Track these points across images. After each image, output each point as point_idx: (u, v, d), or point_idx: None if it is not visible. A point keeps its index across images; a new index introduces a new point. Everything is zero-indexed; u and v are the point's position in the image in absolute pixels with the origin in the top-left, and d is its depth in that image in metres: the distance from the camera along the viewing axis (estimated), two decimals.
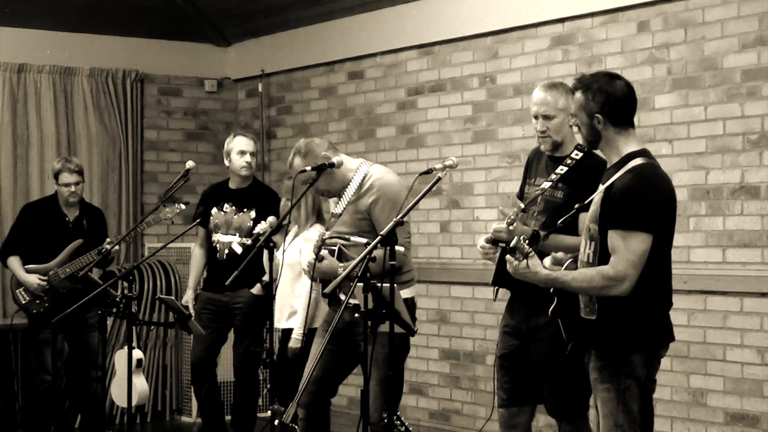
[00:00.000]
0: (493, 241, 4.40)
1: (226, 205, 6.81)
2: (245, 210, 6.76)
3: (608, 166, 4.22)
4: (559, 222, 4.26)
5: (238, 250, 6.71)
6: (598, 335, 4.08)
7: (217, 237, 6.79)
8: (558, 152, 4.83)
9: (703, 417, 6.04)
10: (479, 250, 4.75)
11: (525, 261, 3.99)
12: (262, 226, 6.26)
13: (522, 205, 4.67)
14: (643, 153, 4.12)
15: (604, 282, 3.97)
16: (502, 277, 4.79)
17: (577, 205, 4.23)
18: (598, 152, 4.90)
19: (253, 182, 6.91)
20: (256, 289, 6.63)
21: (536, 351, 4.82)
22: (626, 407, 4.03)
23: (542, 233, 4.33)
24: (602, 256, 4.04)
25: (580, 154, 4.77)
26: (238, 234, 6.74)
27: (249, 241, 6.62)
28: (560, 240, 4.58)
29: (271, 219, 6.32)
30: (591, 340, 4.13)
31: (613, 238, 3.99)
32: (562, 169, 4.75)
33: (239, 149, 6.74)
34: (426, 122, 7.76)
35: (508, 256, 4.03)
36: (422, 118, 7.79)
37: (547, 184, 4.74)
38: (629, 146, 4.13)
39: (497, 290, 4.88)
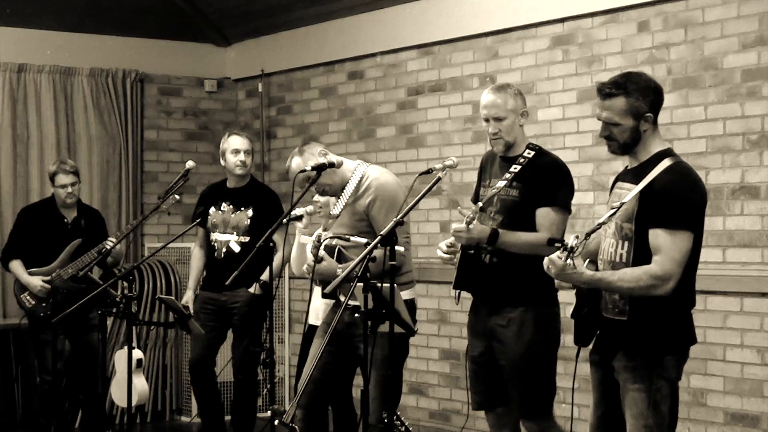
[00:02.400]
0: (551, 242, 4.24)
1: (223, 205, 6.83)
2: (242, 209, 6.78)
3: (632, 165, 4.21)
4: (597, 223, 4.15)
5: (236, 248, 6.72)
6: (629, 336, 4.07)
7: (215, 236, 6.81)
8: (511, 152, 4.89)
9: (703, 417, 6.04)
10: (441, 255, 4.77)
11: (572, 261, 3.95)
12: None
13: (481, 204, 4.74)
14: (671, 152, 4.13)
15: (652, 281, 3.96)
16: (463, 280, 4.82)
17: (613, 208, 4.10)
18: (547, 149, 4.98)
19: (250, 181, 6.93)
20: (254, 289, 6.63)
21: (499, 349, 4.85)
22: (656, 408, 4.04)
23: (553, 242, 4.27)
24: (637, 255, 4.03)
25: (533, 153, 4.85)
26: (235, 233, 6.75)
27: (247, 239, 6.65)
28: (518, 237, 4.71)
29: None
30: (619, 340, 4.11)
31: (658, 236, 3.98)
32: (515, 168, 4.81)
33: (233, 148, 6.78)
34: (426, 122, 7.75)
35: (556, 257, 3.94)
36: (422, 118, 7.79)
37: (501, 184, 4.80)
38: (656, 145, 4.13)
39: (459, 293, 4.91)
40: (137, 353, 7.04)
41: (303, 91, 8.83)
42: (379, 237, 4.38)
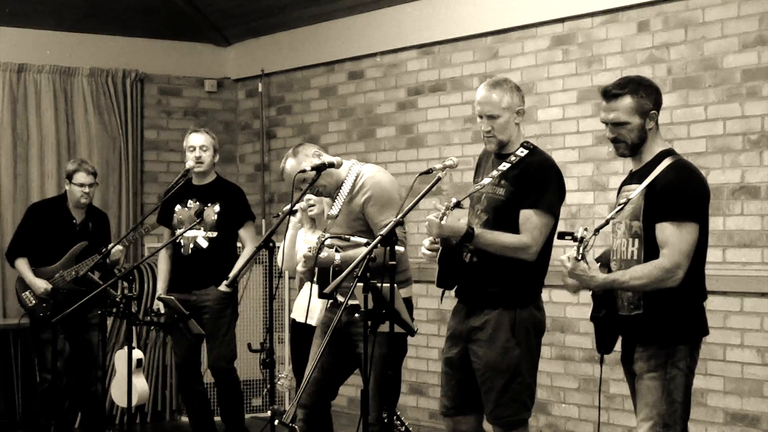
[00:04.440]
0: (561, 235, 4.13)
1: (189, 202, 6.73)
2: (209, 204, 6.70)
3: (636, 167, 4.25)
4: (605, 220, 4.19)
5: (204, 244, 6.66)
6: (645, 328, 4.13)
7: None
8: (505, 150, 4.70)
9: (703, 417, 6.04)
10: (425, 252, 4.65)
11: (584, 259, 3.98)
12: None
13: (454, 200, 4.50)
14: (672, 151, 4.23)
15: (662, 274, 4.05)
16: (444, 279, 4.73)
17: (621, 204, 4.14)
18: (547, 149, 4.91)
19: (216, 178, 6.84)
20: (223, 287, 6.56)
21: (473, 352, 4.67)
22: (670, 397, 4.10)
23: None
24: (648, 251, 4.11)
25: (525, 152, 4.65)
26: (203, 228, 6.66)
27: (215, 234, 6.62)
28: (496, 238, 4.55)
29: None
30: (637, 335, 4.17)
31: (665, 230, 4.07)
32: (504, 166, 4.63)
33: (189, 145, 6.71)
34: (426, 122, 7.75)
35: (566, 258, 3.99)
36: (422, 118, 7.78)
37: (487, 181, 4.63)
38: (658, 145, 4.23)
39: (443, 292, 4.82)
40: (137, 353, 7.04)
41: (303, 91, 8.83)
42: (378, 237, 4.36)
